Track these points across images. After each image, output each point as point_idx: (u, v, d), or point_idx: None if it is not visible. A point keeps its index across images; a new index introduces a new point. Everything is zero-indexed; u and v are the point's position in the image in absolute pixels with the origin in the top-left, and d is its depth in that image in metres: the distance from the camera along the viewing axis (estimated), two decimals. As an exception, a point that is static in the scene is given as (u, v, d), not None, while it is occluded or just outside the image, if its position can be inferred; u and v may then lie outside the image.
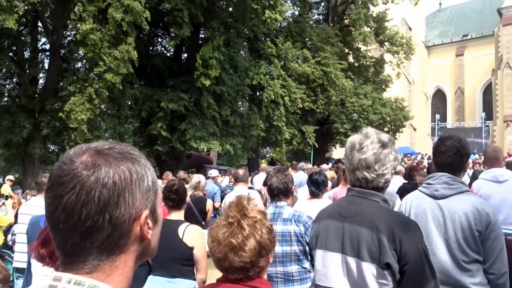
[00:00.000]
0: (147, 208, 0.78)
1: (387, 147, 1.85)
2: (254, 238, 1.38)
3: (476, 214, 2.31)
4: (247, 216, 1.42)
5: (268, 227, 1.45)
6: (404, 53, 27.12)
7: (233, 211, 1.44)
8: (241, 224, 1.39)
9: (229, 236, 1.38)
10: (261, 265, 1.39)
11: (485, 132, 36.75)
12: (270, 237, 1.43)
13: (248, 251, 1.36)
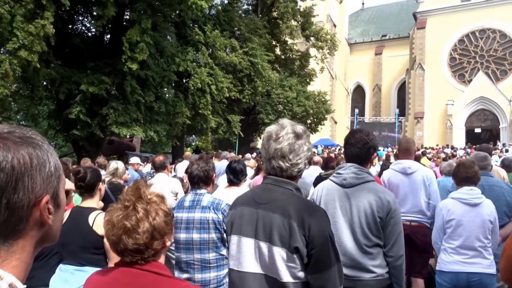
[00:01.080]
0: (48, 194, 0.77)
1: (301, 138, 1.92)
2: (148, 220, 1.40)
3: (378, 202, 2.50)
4: (143, 199, 1.43)
5: (164, 211, 1.47)
6: (328, 49, 28.15)
7: (129, 194, 1.45)
8: (136, 207, 1.41)
9: (123, 218, 1.39)
10: (156, 247, 1.41)
11: (398, 127, 39.46)
12: (167, 220, 1.45)
13: (142, 233, 1.38)
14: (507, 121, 34.24)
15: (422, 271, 4.17)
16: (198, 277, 2.96)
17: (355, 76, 48.73)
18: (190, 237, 2.97)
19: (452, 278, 3.30)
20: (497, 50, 36.84)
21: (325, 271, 1.77)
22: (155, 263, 1.42)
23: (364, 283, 2.48)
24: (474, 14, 37.15)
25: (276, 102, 24.28)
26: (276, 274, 1.76)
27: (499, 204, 3.86)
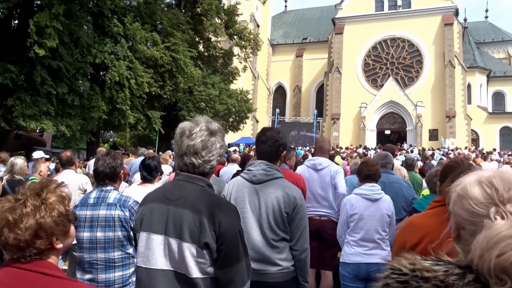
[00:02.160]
0: None
1: (215, 135, 1.94)
2: (34, 217, 1.33)
3: (286, 198, 2.60)
4: (38, 197, 1.37)
5: (60, 212, 1.40)
6: (251, 48, 28.51)
7: (27, 189, 1.38)
8: (26, 202, 1.34)
9: (7, 211, 1.32)
10: (39, 246, 1.34)
11: (316, 127, 41.09)
12: (58, 221, 1.39)
13: (24, 229, 1.31)
14: (413, 124, 37.18)
15: (331, 264, 4.40)
16: (101, 278, 2.84)
17: (277, 77, 49.91)
18: (94, 236, 2.85)
19: (353, 269, 3.53)
20: (406, 58, 39.81)
21: (234, 266, 1.80)
22: (42, 263, 1.34)
23: (270, 276, 2.56)
24: (386, 24, 39.85)
25: (198, 99, 24.10)
26: (185, 270, 1.76)
27: (398, 199, 4.20)
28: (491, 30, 49.10)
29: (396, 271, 1.03)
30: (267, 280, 2.55)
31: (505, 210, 0.99)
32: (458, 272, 0.97)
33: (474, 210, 1.03)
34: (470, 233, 1.03)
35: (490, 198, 1.01)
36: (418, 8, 39.11)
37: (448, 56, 37.37)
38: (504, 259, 0.91)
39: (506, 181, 1.03)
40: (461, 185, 1.09)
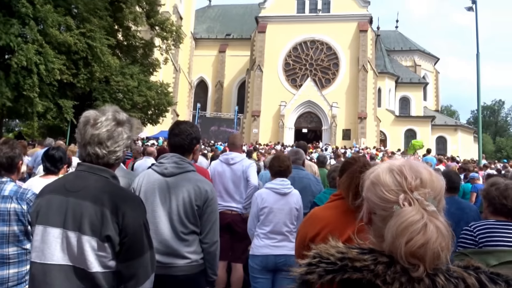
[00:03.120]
0: None
1: (122, 126, 1.89)
2: None
3: (197, 191, 2.61)
4: None
5: None
6: (173, 40, 27.85)
7: None
8: None
9: None
10: None
11: (236, 124, 41.46)
12: None
13: None
14: (329, 123, 39.03)
15: (241, 257, 4.50)
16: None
17: (199, 71, 49.48)
18: None
19: (262, 261, 3.65)
20: (324, 61, 41.62)
21: (137, 259, 1.77)
22: None
23: (178, 269, 2.55)
24: (307, 26, 41.33)
25: (115, 89, 23.05)
26: (84, 264, 1.69)
27: (306, 193, 4.40)
28: (401, 39, 53.01)
29: (324, 260, 1.09)
30: (174, 274, 2.54)
31: (413, 197, 1.06)
32: (386, 261, 1.03)
33: (385, 196, 1.09)
34: (380, 218, 1.10)
35: (400, 185, 1.08)
36: (337, 14, 41.08)
37: (362, 61, 39.75)
38: (412, 245, 1.00)
39: (414, 170, 1.10)
40: (374, 173, 1.16)
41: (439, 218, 1.03)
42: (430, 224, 1.00)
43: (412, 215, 1.01)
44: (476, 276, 1.02)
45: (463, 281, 1.00)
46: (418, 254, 0.99)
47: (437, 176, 1.12)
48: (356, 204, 2.10)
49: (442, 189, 1.11)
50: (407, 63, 50.57)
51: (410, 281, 0.99)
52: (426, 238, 0.98)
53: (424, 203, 1.04)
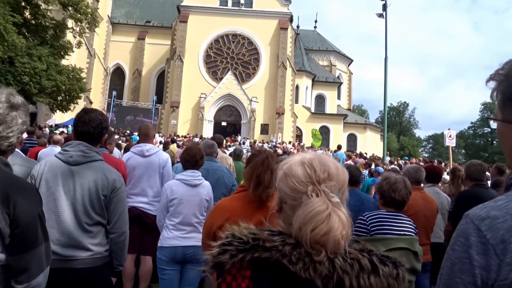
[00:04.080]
0: None
1: (16, 110, 1.79)
2: None
3: (104, 181, 2.54)
4: None
5: None
6: (88, 23, 26.33)
7: None
8: None
9: None
10: None
11: (154, 114, 40.41)
12: None
13: None
14: (248, 118, 39.57)
15: (150, 249, 4.43)
16: None
17: (116, 57, 47.20)
18: None
19: (170, 252, 3.64)
20: (245, 55, 42.01)
21: (30, 252, 1.69)
22: None
23: (80, 262, 2.47)
24: (229, 20, 41.36)
25: (20, 71, 21.30)
26: None
27: (219, 185, 4.46)
28: (318, 39, 55.19)
29: (236, 240, 1.14)
30: (75, 267, 2.45)
31: (320, 189, 1.14)
32: (292, 243, 1.11)
33: (295, 187, 1.16)
34: (290, 207, 1.18)
35: (309, 177, 1.16)
36: (259, 9, 41.63)
37: (282, 58, 40.79)
38: (317, 233, 1.08)
39: (323, 163, 1.19)
40: (287, 165, 1.23)
41: (342, 209, 1.13)
42: (333, 214, 1.10)
43: (318, 206, 1.10)
44: (369, 258, 1.13)
45: (358, 262, 1.11)
46: (321, 241, 1.08)
47: (343, 169, 1.23)
48: (257, 194, 2.21)
49: (346, 182, 1.22)
50: (323, 62, 52.80)
51: (313, 261, 1.09)
52: (329, 227, 1.08)
53: (330, 194, 1.13)
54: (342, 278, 1.07)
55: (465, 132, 71.37)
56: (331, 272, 1.08)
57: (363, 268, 1.10)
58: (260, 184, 2.17)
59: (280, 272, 1.08)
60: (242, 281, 1.10)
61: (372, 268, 1.11)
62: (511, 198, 0.92)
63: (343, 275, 1.07)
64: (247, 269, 1.10)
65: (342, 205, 1.13)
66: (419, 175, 4.18)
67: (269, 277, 1.09)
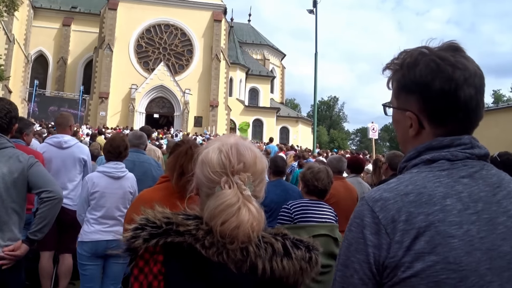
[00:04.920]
0: None
1: None
2: None
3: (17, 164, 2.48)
4: None
5: None
6: (5, 6, 24.41)
7: None
8: None
9: None
10: None
11: (81, 105, 38.49)
12: None
13: None
14: (181, 110, 38.95)
15: (70, 246, 4.21)
16: None
17: (38, 44, 44.04)
18: None
19: (91, 247, 3.49)
20: (178, 46, 41.21)
21: None
22: None
23: None
24: (162, 9, 40.28)
25: None
26: None
27: (146, 178, 4.34)
28: (252, 33, 55.57)
29: (150, 224, 1.10)
30: None
31: (233, 181, 1.12)
32: (206, 229, 1.09)
33: (209, 176, 1.15)
34: (205, 194, 1.16)
35: (224, 168, 1.14)
36: (192, 0, 40.96)
37: (215, 50, 40.56)
38: (227, 227, 1.07)
39: (240, 154, 1.17)
40: (205, 150, 1.20)
41: (253, 202, 1.13)
42: (243, 208, 1.10)
43: (229, 198, 1.09)
44: (282, 242, 1.15)
45: (271, 246, 1.12)
46: (232, 234, 1.08)
47: (261, 158, 1.22)
48: (181, 184, 2.18)
49: (263, 171, 1.22)
50: (257, 56, 53.28)
51: (226, 247, 1.09)
52: (239, 220, 1.08)
53: (242, 187, 1.13)
54: (256, 262, 1.09)
55: (389, 126, 75.52)
56: (244, 257, 1.09)
57: (275, 252, 1.11)
58: (183, 174, 2.14)
59: (193, 256, 1.08)
60: (154, 266, 1.08)
61: (284, 251, 1.13)
62: (401, 181, 0.97)
63: (256, 259, 1.09)
64: (160, 253, 1.08)
65: (252, 198, 1.14)
66: (340, 165, 4.36)
67: (182, 262, 1.08)
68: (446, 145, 0.99)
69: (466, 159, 0.98)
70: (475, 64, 1.00)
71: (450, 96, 0.97)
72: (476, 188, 0.95)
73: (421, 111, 1.01)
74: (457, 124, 1.00)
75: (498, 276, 0.89)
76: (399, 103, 1.07)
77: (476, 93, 0.98)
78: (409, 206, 0.90)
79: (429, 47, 1.03)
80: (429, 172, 0.96)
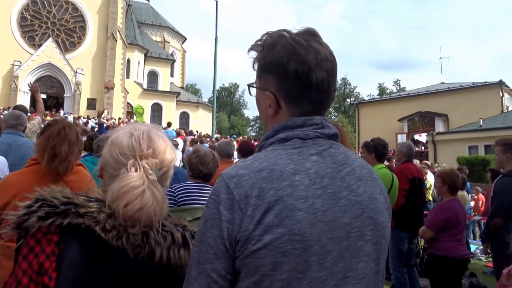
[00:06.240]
0: None
1: None
2: None
3: None
4: None
5: None
6: None
7: None
8: None
9: None
10: None
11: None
12: None
13: None
14: (72, 91, 36.34)
15: None
16: None
17: None
18: None
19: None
20: (69, 22, 38.21)
21: None
22: None
23: None
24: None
25: None
26: None
27: (23, 162, 4.03)
28: (152, 13, 53.59)
29: (47, 203, 1.06)
30: None
31: (141, 164, 1.12)
32: (109, 212, 1.07)
33: (117, 157, 1.14)
34: (109, 176, 1.15)
35: (134, 151, 1.14)
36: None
37: (112, 29, 38.43)
38: (130, 209, 1.07)
39: (151, 139, 1.17)
40: (117, 133, 1.18)
41: (157, 186, 1.14)
42: (148, 191, 1.10)
43: (134, 181, 1.09)
44: (182, 232, 1.18)
45: (171, 235, 1.15)
46: (134, 217, 1.08)
47: (172, 150, 1.24)
48: (53, 167, 2.09)
49: (172, 162, 1.24)
50: (157, 38, 51.62)
51: (126, 231, 1.08)
52: (142, 203, 1.08)
53: (149, 171, 1.13)
54: (154, 249, 1.11)
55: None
56: (144, 243, 1.10)
57: (175, 241, 1.14)
58: (55, 156, 2.05)
59: (91, 239, 1.06)
60: (47, 246, 1.04)
61: (183, 242, 1.16)
62: (257, 158, 1.02)
63: (155, 246, 1.11)
64: (55, 234, 1.05)
65: (158, 183, 1.15)
66: (229, 149, 4.48)
67: (78, 244, 1.05)
68: (299, 125, 1.04)
69: (316, 138, 1.04)
70: (328, 50, 1.07)
71: (303, 78, 1.02)
72: (323, 165, 1.00)
73: (278, 91, 1.06)
74: (310, 105, 1.05)
75: (338, 245, 0.95)
76: (260, 83, 1.11)
77: (328, 77, 1.04)
78: (262, 182, 0.94)
79: (289, 31, 1.07)
80: (282, 150, 1.01)
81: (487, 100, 27.22)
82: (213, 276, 0.94)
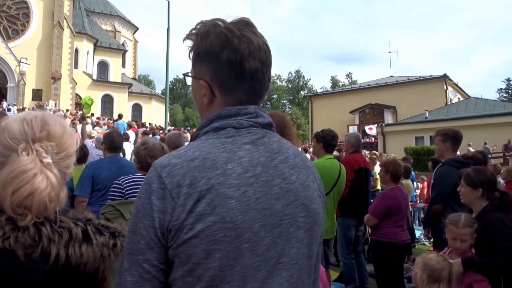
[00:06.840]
0: None
1: None
2: None
3: None
4: None
5: None
6: None
7: None
8: None
9: None
10: None
11: None
12: None
13: None
14: (16, 81, 34.51)
15: None
16: None
17: None
18: None
19: None
20: (11, 8, 36.16)
21: None
22: None
23: None
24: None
25: None
26: None
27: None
28: (101, 2, 51.66)
29: None
30: None
31: (33, 148, 1.04)
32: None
33: (6, 143, 1.05)
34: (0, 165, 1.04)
35: (25, 135, 1.05)
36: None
37: (58, 16, 36.74)
38: (19, 195, 0.98)
39: (44, 122, 1.09)
40: (8, 119, 1.09)
41: (53, 170, 1.06)
42: (40, 175, 1.02)
43: (25, 165, 1.01)
44: (83, 227, 1.09)
45: (68, 231, 1.06)
46: (25, 204, 1.00)
47: (71, 135, 1.17)
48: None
49: (72, 148, 1.17)
50: (107, 27, 49.93)
51: (15, 230, 1.00)
52: (33, 188, 1.00)
53: (43, 155, 1.05)
54: (49, 247, 1.02)
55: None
56: (36, 242, 1.02)
57: (73, 237, 1.06)
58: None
59: None
60: None
61: (85, 237, 1.08)
62: (190, 147, 1.01)
63: (50, 244, 1.03)
64: None
65: (53, 167, 1.07)
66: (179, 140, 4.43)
67: None
68: (233, 114, 1.04)
69: (250, 127, 1.04)
70: (262, 39, 1.07)
71: (236, 67, 1.02)
72: (256, 153, 1.01)
73: (212, 80, 1.05)
74: (244, 94, 1.05)
75: (270, 232, 0.96)
76: (195, 72, 1.10)
77: (261, 66, 1.04)
78: (194, 171, 0.93)
79: (223, 20, 1.06)
80: (216, 139, 1.01)
81: (433, 93, 28.54)
82: (145, 267, 0.92)
